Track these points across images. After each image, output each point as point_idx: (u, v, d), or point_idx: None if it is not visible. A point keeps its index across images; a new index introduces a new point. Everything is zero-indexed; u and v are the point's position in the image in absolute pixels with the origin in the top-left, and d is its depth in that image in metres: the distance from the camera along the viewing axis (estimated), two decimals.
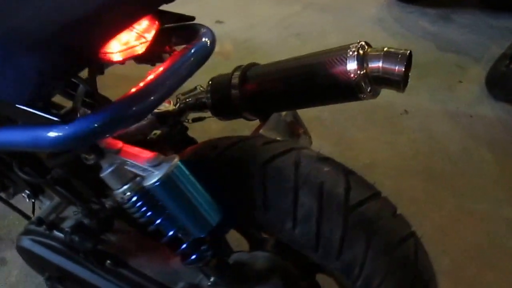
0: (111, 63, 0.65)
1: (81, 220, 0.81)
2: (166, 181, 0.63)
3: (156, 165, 0.63)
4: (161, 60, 0.81)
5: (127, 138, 0.95)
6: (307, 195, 0.66)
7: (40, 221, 0.88)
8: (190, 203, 0.65)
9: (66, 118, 0.58)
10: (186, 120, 1.17)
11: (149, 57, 0.76)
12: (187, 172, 0.65)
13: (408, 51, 0.74)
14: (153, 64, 0.81)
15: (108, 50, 0.64)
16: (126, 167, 0.66)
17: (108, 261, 0.83)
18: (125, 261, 0.83)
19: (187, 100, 1.13)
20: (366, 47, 0.79)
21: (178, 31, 0.78)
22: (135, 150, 0.66)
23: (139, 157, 0.65)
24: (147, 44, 0.69)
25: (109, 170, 0.66)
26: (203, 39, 0.74)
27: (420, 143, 1.87)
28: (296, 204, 0.66)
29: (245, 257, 0.84)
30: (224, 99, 0.96)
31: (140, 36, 0.67)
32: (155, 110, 1.09)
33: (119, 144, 0.67)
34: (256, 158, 0.69)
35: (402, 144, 1.87)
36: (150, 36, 0.69)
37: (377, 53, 0.77)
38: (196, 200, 0.66)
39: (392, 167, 1.74)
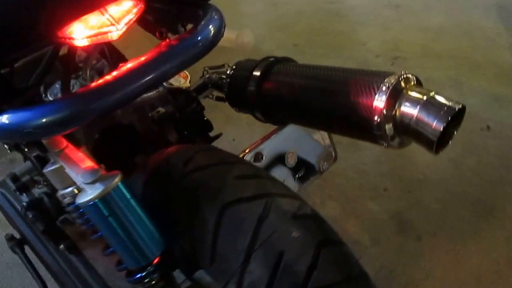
0: (73, 47, 0.56)
1: (41, 196, 0.77)
2: (96, 205, 0.55)
3: (91, 182, 0.54)
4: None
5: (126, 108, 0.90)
6: (260, 262, 0.55)
7: (14, 178, 0.85)
8: (125, 232, 0.58)
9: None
10: (211, 96, 1.08)
11: None
12: (127, 195, 0.57)
13: (459, 106, 0.58)
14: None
15: (72, 34, 0.55)
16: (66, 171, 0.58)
17: (62, 245, 0.78)
18: (80, 251, 0.78)
19: (212, 76, 1.03)
20: (412, 83, 0.62)
21: (174, 12, 0.67)
22: (78, 156, 0.58)
23: (78, 166, 0.57)
24: (124, 29, 0.58)
25: (51, 168, 0.60)
26: (203, 26, 0.62)
27: (490, 170, 1.62)
28: (245, 268, 0.55)
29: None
30: (239, 90, 0.87)
31: (115, 20, 0.56)
32: (166, 84, 1.01)
33: (63, 144, 0.59)
34: (219, 195, 0.58)
35: (469, 166, 1.63)
36: (127, 19, 0.58)
37: (418, 96, 0.61)
38: (133, 229, 0.58)
39: (444, 190, 1.54)
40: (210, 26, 0.65)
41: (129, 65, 0.57)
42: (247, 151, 0.85)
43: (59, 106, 0.53)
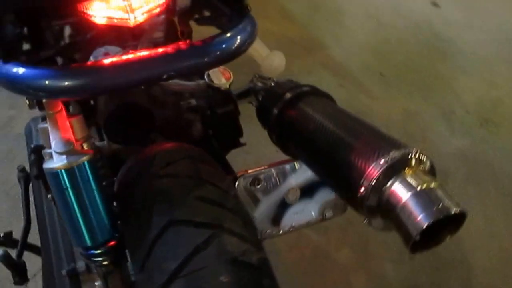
0: (88, 24, 0.60)
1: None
2: (57, 174, 0.58)
3: (60, 152, 0.58)
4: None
5: (162, 86, 0.93)
6: None
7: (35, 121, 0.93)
8: (76, 208, 0.61)
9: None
10: (253, 104, 1.10)
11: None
12: (89, 176, 0.60)
13: (457, 210, 0.53)
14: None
15: (91, 10, 0.58)
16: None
17: (50, 196, 0.84)
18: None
19: (257, 84, 1.05)
20: (420, 166, 0.59)
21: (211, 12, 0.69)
22: (64, 124, 0.62)
23: (57, 133, 0.60)
24: (143, 18, 0.61)
25: (40, 126, 0.64)
26: (233, 32, 0.63)
27: None
28: None
29: None
30: (267, 107, 0.87)
31: (131, 7, 0.58)
32: (207, 79, 1.03)
33: (57, 108, 0.63)
34: (172, 209, 0.60)
35: None
36: (147, 9, 0.60)
37: (416, 181, 0.57)
38: (84, 209, 0.61)
39: None
40: (240, 36, 0.66)
41: (146, 52, 0.59)
42: (248, 171, 0.85)
43: (58, 73, 0.56)
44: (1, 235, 0.95)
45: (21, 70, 0.56)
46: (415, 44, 2.46)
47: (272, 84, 0.89)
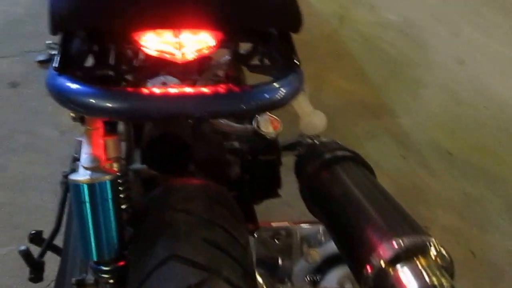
0: (137, 52, 0.65)
1: None
2: (78, 187, 0.62)
3: (86, 167, 0.62)
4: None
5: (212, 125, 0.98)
6: None
7: None
8: (89, 223, 0.64)
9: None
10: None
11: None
12: (109, 196, 0.64)
13: None
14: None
15: (144, 41, 0.64)
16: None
17: None
18: None
19: (305, 138, 1.07)
20: (437, 259, 0.57)
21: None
22: (98, 142, 0.67)
23: (89, 149, 0.65)
24: (191, 56, 0.65)
25: (77, 138, 0.69)
26: (279, 83, 0.66)
27: None
28: None
29: None
30: (305, 163, 0.89)
31: (180, 45, 0.63)
32: (255, 125, 1.06)
33: (97, 125, 0.68)
34: (176, 244, 0.62)
35: None
36: (195, 49, 0.65)
37: (426, 274, 0.57)
38: (97, 224, 0.64)
39: None
40: (283, 88, 0.68)
41: (188, 89, 0.64)
42: (272, 224, 0.85)
43: (97, 92, 0.62)
44: (32, 232, 1.01)
45: (69, 84, 0.62)
46: (493, 128, 2.35)
47: (317, 141, 0.90)
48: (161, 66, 0.77)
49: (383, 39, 2.79)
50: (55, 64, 0.64)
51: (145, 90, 0.61)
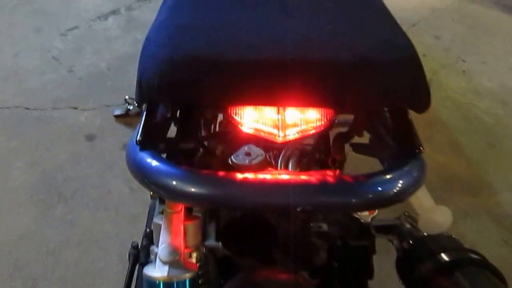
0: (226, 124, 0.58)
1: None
2: (154, 284, 0.54)
3: (164, 261, 0.55)
4: None
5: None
6: None
7: None
8: None
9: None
10: (391, 242, 1.00)
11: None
12: None
13: None
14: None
15: (240, 117, 0.57)
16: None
17: None
18: None
19: (404, 224, 0.96)
20: None
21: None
22: (177, 229, 0.60)
23: (167, 238, 0.58)
24: (293, 137, 0.57)
25: (155, 220, 0.63)
26: (390, 175, 0.56)
27: None
28: None
29: None
30: (412, 259, 0.78)
31: (283, 124, 0.55)
32: None
33: (177, 208, 0.61)
34: None
35: None
36: (300, 129, 0.56)
37: None
38: None
39: None
40: (402, 180, 0.58)
41: (286, 176, 0.55)
42: None
43: (183, 175, 0.54)
44: None
45: (151, 161, 0.56)
46: None
47: (425, 233, 0.78)
48: (250, 139, 0.70)
49: (478, 107, 2.61)
50: (137, 137, 0.58)
51: (238, 176, 0.53)
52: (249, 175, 0.53)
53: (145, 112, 0.63)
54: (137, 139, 0.59)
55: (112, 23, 2.92)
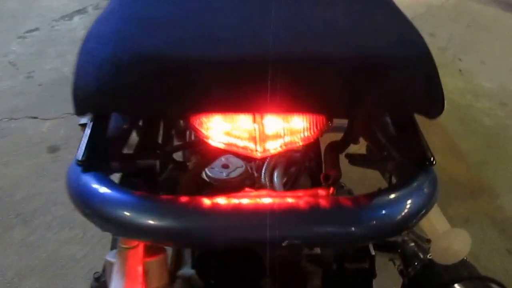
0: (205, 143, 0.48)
1: None
2: None
3: None
4: None
5: None
6: None
7: None
8: None
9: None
10: (392, 262, 0.93)
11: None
12: None
13: None
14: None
15: (206, 129, 0.47)
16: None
17: None
18: None
19: (409, 242, 0.89)
20: None
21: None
22: (135, 268, 0.49)
23: (122, 279, 0.47)
24: (278, 151, 0.47)
25: (107, 257, 0.53)
26: (396, 194, 0.48)
27: None
28: None
29: None
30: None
31: (260, 136, 0.46)
32: None
33: (133, 243, 0.51)
34: None
35: None
36: (283, 142, 0.47)
37: None
38: None
39: None
40: (413, 199, 0.49)
41: (269, 200, 0.45)
42: None
43: (141, 203, 0.44)
44: None
45: (97, 187, 0.45)
46: None
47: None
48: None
49: (477, 108, 2.59)
50: (79, 156, 0.48)
51: (206, 202, 0.43)
52: (221, 201, 0.43)
53: (91, 124, 0.53)
54: (79, 158, 0.48)
55: (77, 23, 2.79)
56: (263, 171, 0.83)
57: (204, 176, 0.76)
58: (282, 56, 0.43)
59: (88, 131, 0.52)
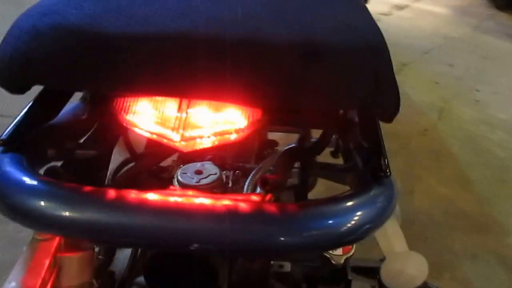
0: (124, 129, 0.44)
1: None
2: None
3: None
4: None
5: None
6: None
7: None
8: None
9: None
10: None
11: None
12: None
13: None
14: None
15: (131, 115, 0.42)
16: None
17: None
18: None
19: (378, 265, 0.82)
20: None
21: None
22: (43, 261, 0.44)
23: (21, 272, 0.43)
24: (202, 146, 0.42)
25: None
26: (347, 203, 0.44)
27: None
28: None
29: None
30: None
31: (182, 126, 0.41)
32: None
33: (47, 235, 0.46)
34: None
35: None
36: (214, 131, 0.42)
37: None
38: None
39: None
40: (364, 210, 0.43)
41: (198, 200, 0.40)
42: None
43: (57, 193, 0.40)
44: None
45: (9, 170, 0.41)
46: None
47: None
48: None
49: (490, 139, 2.52)
50: (3, 135, 0.44)
51: (110, 193, 0.38)
52: (128, 194, 0.38)
53: (30, 105, 0.49)
54: (1, 137, 0.45)
55: None
56: (247, 183, 0.78)
57: (175, 180, 0.71)
58: (212, 37, 0.38)
59: (24, 110, 0.49)
